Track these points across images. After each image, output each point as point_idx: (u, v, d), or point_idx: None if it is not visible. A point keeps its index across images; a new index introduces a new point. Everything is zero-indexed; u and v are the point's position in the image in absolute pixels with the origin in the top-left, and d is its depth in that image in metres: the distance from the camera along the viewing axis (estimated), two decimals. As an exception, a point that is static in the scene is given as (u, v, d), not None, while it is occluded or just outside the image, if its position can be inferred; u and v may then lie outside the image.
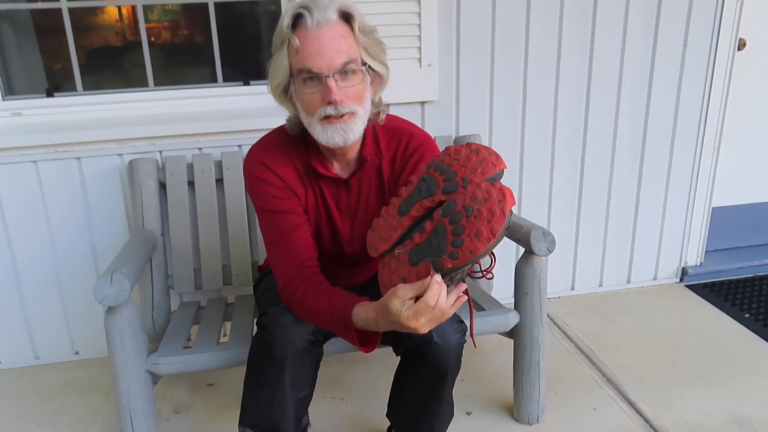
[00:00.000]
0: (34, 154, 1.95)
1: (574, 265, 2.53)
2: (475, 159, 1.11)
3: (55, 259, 2.08)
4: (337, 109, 1.18)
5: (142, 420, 1.52)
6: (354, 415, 1.85)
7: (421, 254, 1.08)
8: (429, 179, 1.13)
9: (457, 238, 1.04)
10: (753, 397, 1.86)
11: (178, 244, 1.91)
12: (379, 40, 1.24)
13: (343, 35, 1.18)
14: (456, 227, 1.05)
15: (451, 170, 1.11)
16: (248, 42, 2.20)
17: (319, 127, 1.21)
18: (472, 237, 1.02)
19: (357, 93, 1.21)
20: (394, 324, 1.09)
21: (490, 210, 1.03)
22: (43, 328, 2.15)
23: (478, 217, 1.03)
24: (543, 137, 2.32)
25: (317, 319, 1.24)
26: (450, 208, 1.07)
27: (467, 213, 1.04)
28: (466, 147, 1.14)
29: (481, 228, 1.02)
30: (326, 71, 1.16)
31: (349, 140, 1.23)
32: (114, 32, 2.11)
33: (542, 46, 2.21)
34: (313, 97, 1.19)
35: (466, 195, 1.06)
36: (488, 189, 1.05)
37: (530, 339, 1.68)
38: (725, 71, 2.37)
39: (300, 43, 1.16)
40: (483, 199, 1.04)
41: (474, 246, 1.02)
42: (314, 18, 1.15)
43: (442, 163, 1.13)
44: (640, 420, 1.78)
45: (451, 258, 1.04)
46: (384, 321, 1.11)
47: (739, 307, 2.40)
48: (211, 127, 2.00)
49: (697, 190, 2.52)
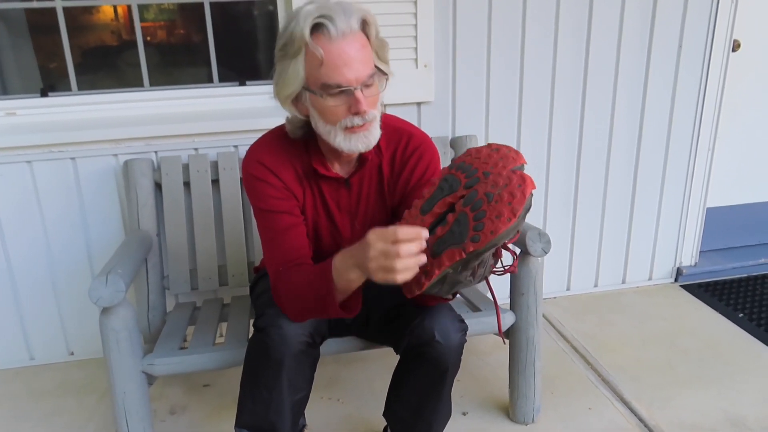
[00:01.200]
0: (28, 155, 1.95)
1: (570, 265, 2.54)
2: (496, 156, 1.13)
3: (50, 260, 2.07)
4: (364, 118, 1.18)
5: (137, 421, 1.51)
6: (350, 415, 1.85)
7: (443, 245, 1.09)
8: (451, 178, 1.14)
9: (478, 223, 1.05)
10: (748, 396, 1.87)
11: (174, 245, 1.91)
12: (385, 41, 1.24)
13: (363, 44, 1.17)
14: (477, 213, 1.05)
15: (473, 168, 1.13)
16: (244, 42, 2.19)
17: (342, 136, 1.20)
18: (493, 219, 1.03)
19: (376, 99, 1.22)
20: (358, 250, 1.10)
21: (511, 193, 1.04)
22: (38, 329, 2.14)
23: (499, 201, 1.04)
24: (539, 138, 2.33)
25: (300, 294, 1.22)
26: (472, 197, 1.08)
27: (488, 199, 1.05)
28: (487, 147, 1.16)
29: (502, 209, 1.03)
30: (355, 84, 1.15)
31: (371, 145, 1.24)
32: (109, 31, 2.10)
33: (538, 46, 2.21)
34: (338, 109, 1.18)
35: (488, 183, 1.08)
36: (509, 175, 1.06)
37: (526, 339, 1.69)
38: (720, 72, 2.38)
39: (325, 54, 1.13)
40: (504, 185, 1.05)
41: (495, 226, 1.03)
42: (338, 28, 1.12)
43: (464, 163, 1.15)
44: (635, 420, 1.79)
45: (473, 241, 1.04)
46: (351, 252, 1.13)
47: (734, 307, 2.41)
48: (206, 127, 2.00)
49: (691, 191, 2.53)
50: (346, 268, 1.15)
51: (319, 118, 1.22)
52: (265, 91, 2.15)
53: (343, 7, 1.14)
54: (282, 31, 1.18)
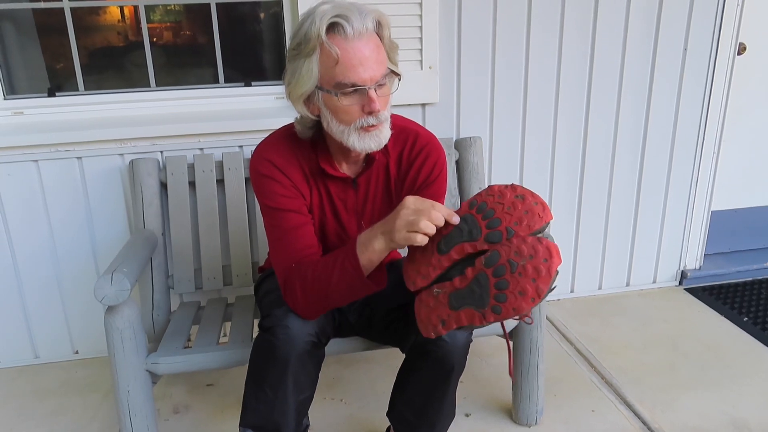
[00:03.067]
0: (35, 154, 1.96)
1: (574, 267, 2.53)
2: (521, 207, 1.08)
3: (56, 259, 2.08)
4: (378, 117, 1.19)
5: (141, 419, 1.52)
6: (353, 415, 1.85)
7: (462, 300, 1.09)
8: (471, 220, 1.11)
9: (500, 293, 1.03)
10: (750, 399, 1.87)
11: (179, 245, 1.92)
12: (396, 43, 1.25)
13: (377, 45, 1.18)
14: (499, 281, 1.04)
15: (495, 216, 1.09)
16: (250, 43, 2.20)
17: (356, 136, 1.21)
18: (517, 294, 1.02)
19: (388, 99, 1.23)
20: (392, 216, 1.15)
21: (536, 269, 1.01)
22: (43, 328, 2.15)
23: (522, 274, 1.02)
24: (543, 140, 2.33)
25: (323, 280, 1.23)
26: (494, 260, 1.05)
27: (512, 268, 1.03)
28: (511, 190, 1.11)
29: (526, 286, 1.01)
30: (369, 83, 1.16)
31: (382, 144, 1.25)
32: (116, 32, 2.11)
33: (543, 48, 2.21)
34: (352, 108, 1.19)
35: (511, 248, 1.04)
36: (534, 245, 1.03)
37: (529, 341, 1.69)
38: (725, 75, 2.38)
39: (341, 53, 1.14)
40: (529, 255, 1.02)
41: (518, 304, 1.02)
42: (354, 27, 1.14)
43: (485, 205, 1.11)
44: (638, 422, 1.79)
45: (494, 312, 1.04)
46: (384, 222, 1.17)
47: (738, 311, 2.40)
48: (212, 127, 2.01)
49: (696, 194, 2.52)
50: (370, 238, 1.18)
51: (333, 118, 1.22)
52: (271, 91, 2.16)
53: (358, 8, 1.15)
54: (296, 31, 1.19)
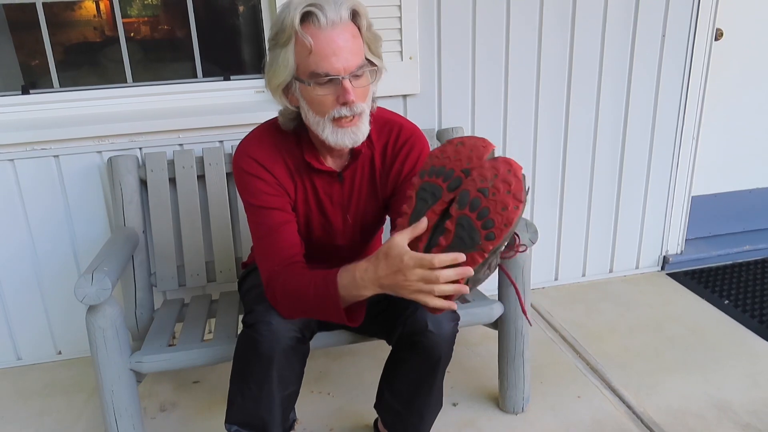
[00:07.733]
0: (10, 153, 1.92)
1: (558, 255, 2.55)
2: (464, 150, 1.10)
3: (36, 259, 2.05)
4: (352, 109, 1.18)
5: (126, 419, 1.51)
6: (341, 408, 1.85)
7: (455, 252, 1.07)
8: (429, 186, 1.11)
9: (486, 220, 1.03)
10: (733, 381, 1.90)
11: (161, 242, 1.90)
12: (378, 35, 1.23)
13: (354, 35, 1.17)
14: (480, 211, 1.04)
15: (447, 169, 1.10)
16: (228, 37, 2.18)
17: (330, 128, 1.20)
18: (500, 211, 1.02)
19: (366, 91, 1.21)
20: (388, 273, 1.08)
21: (505, 180, 1.03)
22: (24, 329, 2.12)
23: (496, 193, 1.03)
24: (525, 128, 2.33)
25: (300, 299, 1.21)
26: (465, 199, 1.06)
27: (484, 194, 1.04)
28: (449, 143, 1.12)
29: (505, 200, 1.02)
30: (343, 73, 1.15)
31: (359, 141, 1.24)
32: (92, 28, 2.08)
33: (523, 37, 2.21)
34: (326, 99, 1.18)
35: (475, 181, 1.06)
36: (493, 165, 1.05)
37: (514, 330, 1.70)
38: (703, 61, 2.40)
39: (314, 43, 1.13)
40: (493, 176, 1.04)
41: (506, 218, 1.02)
42: (328, 17, 1.12)
43: (434, 167, 1.12)
44: (623, 407, 1.81)
45: (489, 239, 1.03)
46: (375, 271, 1.10)
47: (719, 294, 2.44)
48: (191, 122, 1.98)
49: (677, 180, 2.55)
50: (359, 285, 1.14)
51: (309, 109, 1.21)
52: (250, 85, 2.14)
53: None
54: (275, 21, 1.19)
